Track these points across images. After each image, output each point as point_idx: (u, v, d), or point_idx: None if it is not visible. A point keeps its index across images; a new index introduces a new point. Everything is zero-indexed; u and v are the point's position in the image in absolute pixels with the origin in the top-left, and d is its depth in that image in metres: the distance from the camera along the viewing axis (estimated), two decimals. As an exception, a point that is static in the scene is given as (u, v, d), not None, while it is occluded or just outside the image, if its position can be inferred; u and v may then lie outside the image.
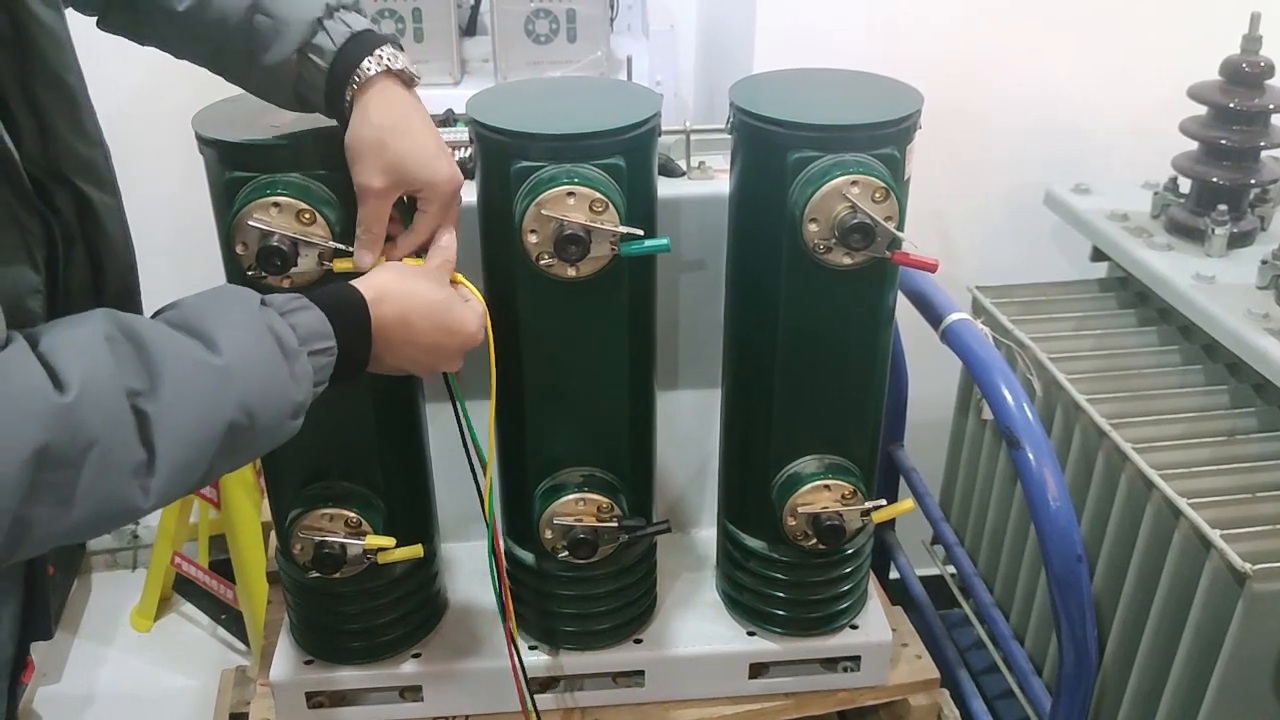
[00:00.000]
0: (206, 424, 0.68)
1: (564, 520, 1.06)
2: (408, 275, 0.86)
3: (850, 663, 1.20)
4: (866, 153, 0.95)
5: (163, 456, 0.66)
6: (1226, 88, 1.36)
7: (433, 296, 0.86)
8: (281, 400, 0.73)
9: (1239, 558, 1.03)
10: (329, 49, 0.86)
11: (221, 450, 0.69)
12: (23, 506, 0.60)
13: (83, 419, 0.62)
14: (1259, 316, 1.23)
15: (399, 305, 0.82)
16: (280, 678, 1.14)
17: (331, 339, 0.77)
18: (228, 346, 0.70)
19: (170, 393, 0.66)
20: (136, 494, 0.65)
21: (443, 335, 0.86)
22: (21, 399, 0.61)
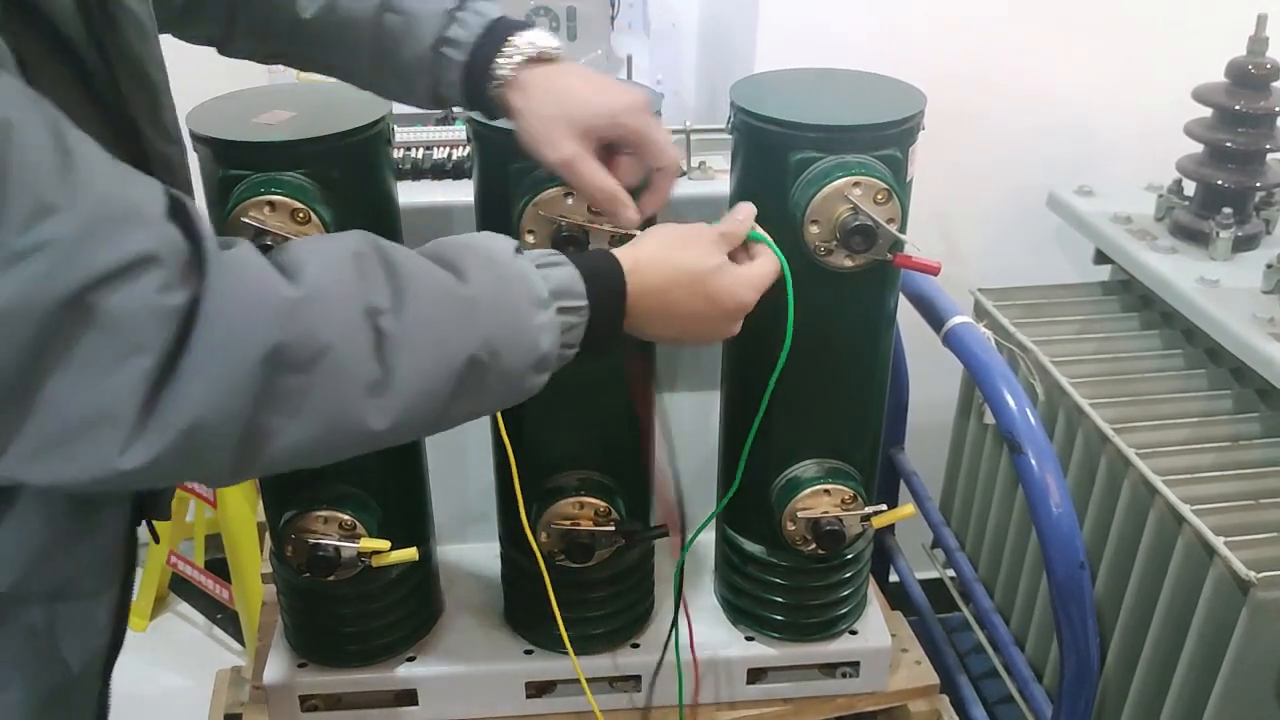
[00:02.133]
0: (448, 351, 0.66)
1: (561, 524, 1.05)
2: (674, 243, 0.81)
3: (849, 668, 1.19)
4: (869, 154, 0.94)
5: (399, 377, 0.64)
6: (1232, 90, 1.35)
7: (699, 265, 0.81)
8: (527, 346, 0.70)
9: (1243, 565, 1.02)
10: (465, 40, 0.83)
11: (460, 385, 0.67)
12: (257, 411, 0.59)
13: (315, 320, 0.61)
14: (1264, 321, 1.22)
15: (658, 274, 0.79)
16: (274, 681, 1.13)
17: (583, 299, 0.74)
18: (477, 279, 0.68)
19: (413, 313, 0.64)
20: (371, 413, 0.63)
21: (706, 305, 0.82)
22: (256, 293, 0.60)
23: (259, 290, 0.60)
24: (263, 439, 0.60)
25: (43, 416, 0.55)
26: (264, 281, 0.60)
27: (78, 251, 0.54)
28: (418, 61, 0.84)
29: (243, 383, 0.58)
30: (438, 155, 1.20)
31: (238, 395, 0.58)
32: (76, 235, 0.54)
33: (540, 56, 0.84)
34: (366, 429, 0.64)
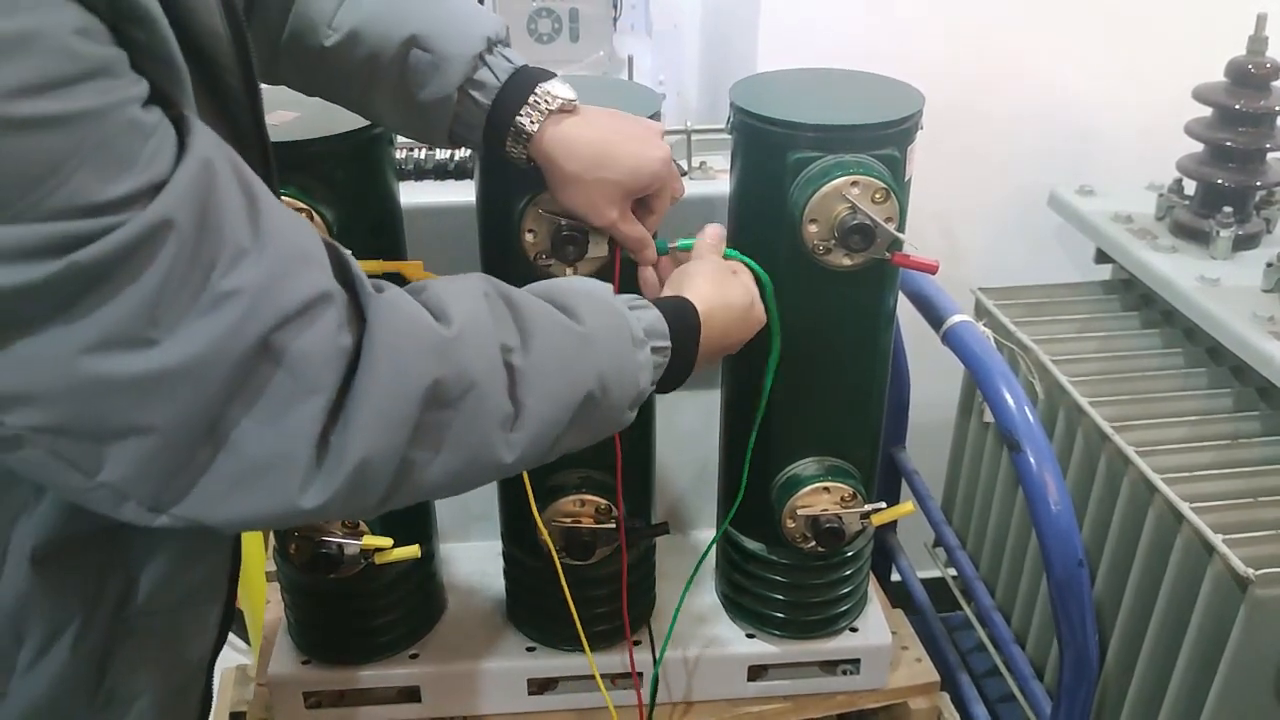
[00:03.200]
0: (569, 386, 0.69)
1: (562, 521, 1.05)
2: (722, 283, 0.88)
3: (850, 665, 1.19)
4: (867, 153, 0.94)
5: (529, 412, 0.67)
6: (1232, 89, 1.36)
7: (744, 300, 0.89)
8: (630, 381, 0.74)
9: (1241, 563, 1.02)
10: (492, 84, 0.84)
11: (575, 418, 0.70)
12: (411, 446, 0.61)
13: (466, 358, 0.63)
14: (1264, 319, 1.23)
15: (723, 318, 0.85)
16: (278, 678, 1.14)
17: (668, 339, 0.79)
18: (589, 318, 0.72)
19: (539, 351, 0.68)
20: (503, 447, 0.66)
21: (742, 333, 0.90)
22: (415, 333, 0.62)
23: (416, 330, 0.62)
24: (412, 472, 0.62)
25: (230, 457, 0.56)
26: (419, 322, 0.63)
27: (268, 294, 0.55)
28: (440, 102, 0.84)
29: (403, 418, 0.60)
30: (440, 155, 1.20)
31: (398, 431, 0.60)
32: (266, 278, 0.55)
33: (562, 109, 0.85)
34: (499, 461, 0.67)
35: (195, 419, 0.54)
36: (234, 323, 0.54)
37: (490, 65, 0.84)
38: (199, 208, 0.53)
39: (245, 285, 0.54)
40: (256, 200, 0.57)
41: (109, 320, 0.51)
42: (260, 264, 0.55)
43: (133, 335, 0.52)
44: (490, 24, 0.84)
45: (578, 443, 0.73)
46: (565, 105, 0.85)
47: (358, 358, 0.59)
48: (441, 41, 0.83)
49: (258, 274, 0.55)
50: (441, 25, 0.83)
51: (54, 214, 0.48)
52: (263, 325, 0.55)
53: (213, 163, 0.54)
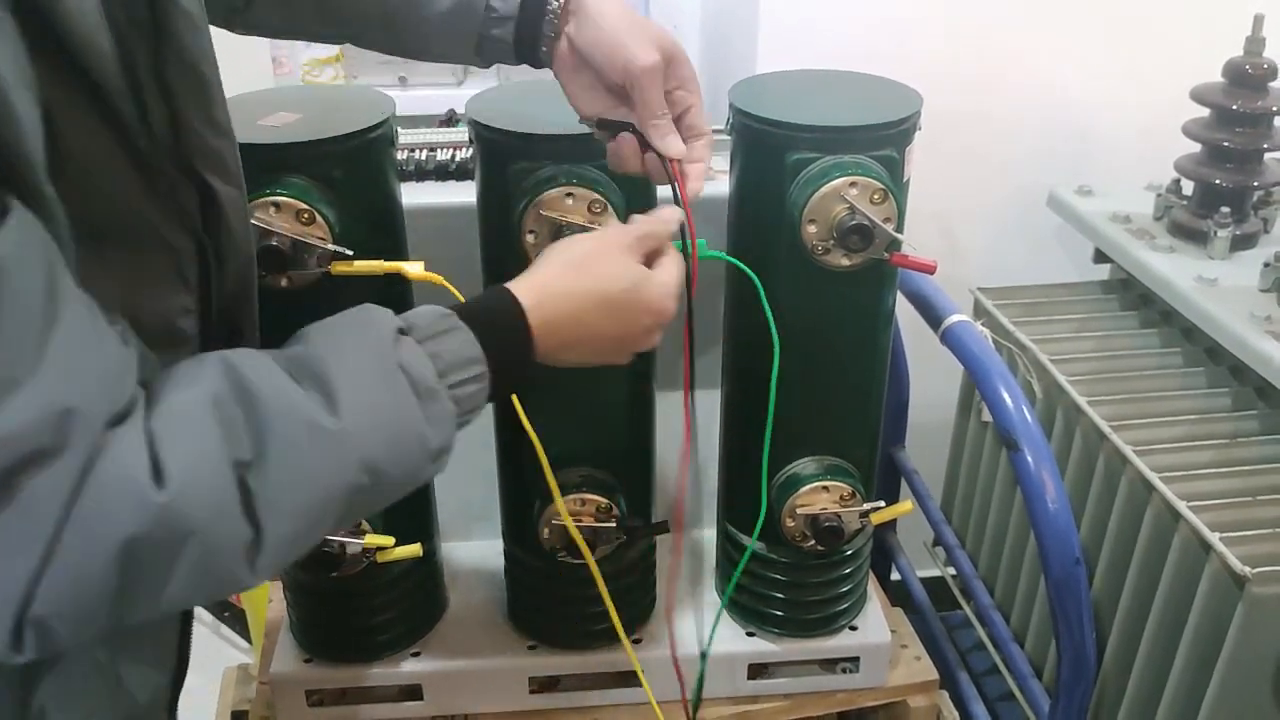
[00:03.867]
0: (320, 494, 0.62)
1: (562, 520, 1.06)
2: (578, 263, 0.76)
3: (849, 664, 1.20)
4: (865, 154, 0.95)
5: (270, 532, 0.60)
6: (1229, 90, 1.36)
7: (610, 286, 0.76)
8: (414, 451, 0.66)
9: (1238, 561, 1.03)
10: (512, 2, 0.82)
11: (341, 513, 0.64)
12: (116, 600, 0.57)
13: (181, 513, 0.56)
14: (1261, 319, 1.23)
15: (565, 305, 0.74)
16: (280, 676, 1.15)
17: (481, 364, 0.69)
18: (347, 402, 0.62)
19: (277, 465, 0.59)
20: (245, 572, 0.60)
21: (622, 327, 0.78)
22: (116, 496, 0.55)
23: (121, 490, 0.55)
24: (125, 617, 0.58)
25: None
26: (127, 481, 0.55)
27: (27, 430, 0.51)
28: (466, 8, 0.83)
29: (95, 578, 0.55)
30: (441, 157, 1.21)
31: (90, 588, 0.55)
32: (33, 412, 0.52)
33: None
34: (238, 582, 0.61)
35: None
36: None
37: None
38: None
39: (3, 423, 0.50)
40: (50, 313, 0.52)
41: None
42: (24, 400, 0.51)
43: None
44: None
45: (370, 513, 0.70)
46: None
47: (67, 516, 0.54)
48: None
49: (18, 411, 0.51)
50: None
51: None
52: (9, 462, 0.51)
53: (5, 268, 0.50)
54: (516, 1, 0.84)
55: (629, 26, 0.82)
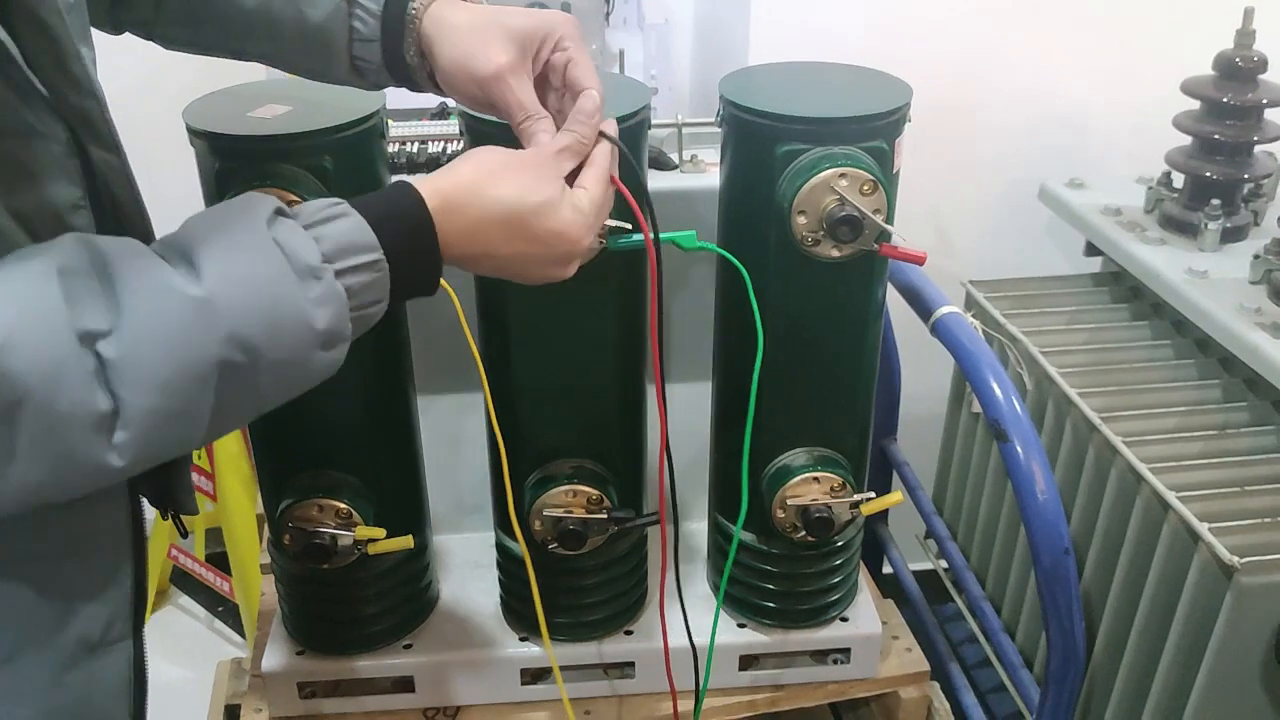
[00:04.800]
0: (184, 366, 0.59)
1: (554, 512, 1.06)
2: (493, 170, 0.72)
3: (840, 655, 1.20)
4: (855, 145, 0.95)
5: (130, 405, 0.57)
6: (1219, 82, 1.36)
7: (519, 203, 0.71)
8: (296, 330, 0.62)
9: (1227, 551, 1.03)
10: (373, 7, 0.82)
11: (217, 392, 0.60)
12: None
13: (8, 372, 0.54)
14: (1251, 311, 1.24)
15: (470, 214, 0.70)
16: (272, 668, 1.15)
17: (374, 251, 0.65)
18: (214, 272, 0.60)
19: (134, 334, 0.57)
20: (103, 449, 0.58)
21: (529, 248, 0.73)
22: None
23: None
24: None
25: None
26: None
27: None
28: (331, 22, 0.82)
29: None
30: (432, 149, 1.21)
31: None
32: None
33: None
34: (103, 464, 0.58)
35: None
36: None
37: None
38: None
39: None
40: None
41: None
42: None
43: None
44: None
45: (258, 408, 0.64)
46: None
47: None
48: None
49: None
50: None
51: None
52: None
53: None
54: (377, 25, 0.82)
55: (475, 34, 0.78)
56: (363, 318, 0.66)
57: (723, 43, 1.70)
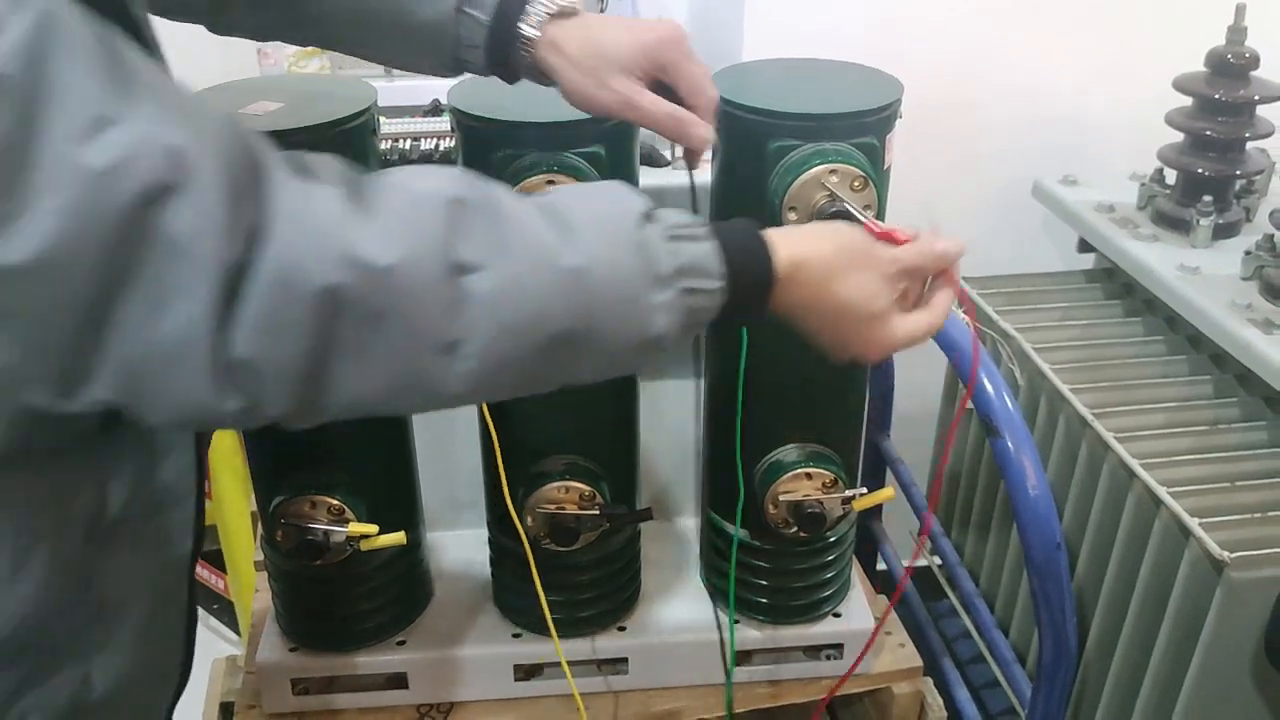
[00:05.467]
0: (539, 322, 0.61)
1: (546, 508, 1.06)
2: (849, 261, 0.74)
3: (833, 651, 1.20)
4: (846, 142, 0.95)
5: (478, 343, 0.60)
6: (1211, 79, 1.37)
7: (857, 305, 0.73)
8: (635, 328, 0.65)
9: (1217, 546, 1.03)
10: (488, 0, 0.82)
11: (548, 357, 0.63)
12: (310, 356, 0.56)
13: (386, 283, 0.57)
14: (1242, 307, 1.24)
15: (807, 290, 0.72)
16: (265, 664, 1.15)
17: (718, 280, 0.67)
18: (588, 247, 0.63)
19: (502, 278, 0.60)
20: (441, 375, 0.60)
21: (840, 337, 0.76)
22: (320, 230, 0.56)
23: (322, 228, 0.56)
24: (326, 384, 0.58)
25: (122, 343, 0.53)
26: (329, 220, 0.56)
27: (131, 168, 0.50)
28: (438, 24, 0.82)
29: (293, 322, 0.55)
30: (425, 146, 1.21)
31: (290, 336, 0.55)
32: (131, 149, 0.50)
33: (561, 13, 0.83)
34: (438, 389, 0.61)
35: (70, 305, 0.51)
36: (92, 200, 0.49)
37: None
38: (34, 63, 0.47)
39: (106, 158, 0.49)
40: (123, 62, 0.51)
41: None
42: (125, 133, 0.50)
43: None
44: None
45: (570, 380, 0.67)
46: (565, 9, 0.83)
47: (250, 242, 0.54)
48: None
49: (121, 145, 0.49)
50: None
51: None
52: (128, 201, 0.50)
53: (54, 14, 0.49)
54: (484, 36, 0.83)
55: (591, 74, 0.82)
56: (687, 334, 0.69)
57: (717, 40, 1.70)
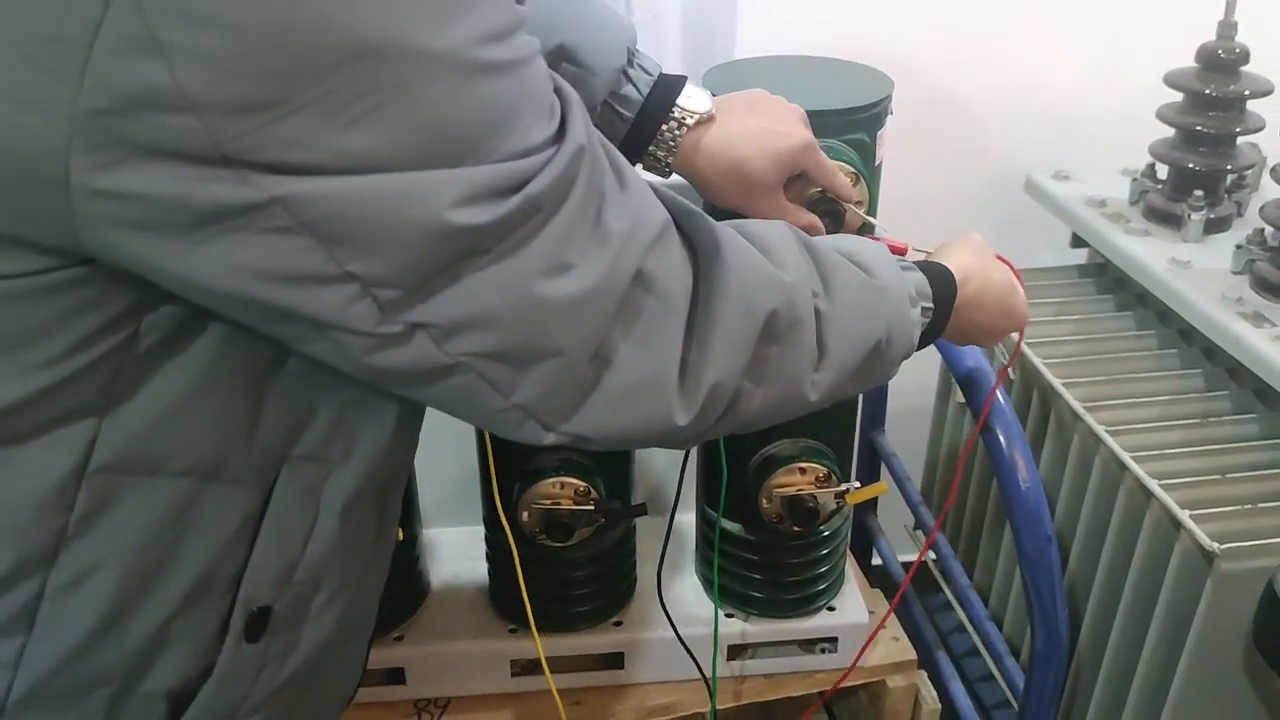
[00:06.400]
0: (865, 332, 0.72)
1: (541, 503, 1.07)
2: (985, 261, 0.88)
3: (827, 644, 1.21)
4: (836, 138, 0.96)
5: (832, 354, 0.70)
6: (1202, 74, 1.37)
7: (1002, 283, 0.88)
8: (908, 335, 0.76)
9: (1207, 537, 1.04)
10: (635, 99, 0.85)
11: (863, 365, 0.73)
12: (745, 375, 0.65)
13: (796, 298, 0.67)
14: (1233, 301, 1.24)
15: (978, 291, 0.85)
16: (263, 660, 1.15)
17: (931, 301, 0.80)
18: (880, 271, 0.74)
19: (840, 298, 0.70)
20: (809, 386, 0.70)
21: (1003, 320, 0.89)
22: (756, 266, 0.65)
23: (757, 264, 0.66)
24: (740, 401, 0.66)
25: (613, 377, 0.60)
26: (758, 257, 0.66)
27: (640, 223, 0.59)
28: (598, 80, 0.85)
29: (745, 345, 0.64)
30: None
31: (740, 356, 0.64)
32: (636, 207, 0.60)
33: (699, 122, 0.86)
34: (805, 398, 0.70)
35: (590, 341, 0.58)
36: (620, 249, 0.58)
37: (632, 79, 0.85)
38: (590, 138, 0.57)
39: (624, 214, 0.58)
40: (606, 142, 0.60)
41: (547, 247, 0.54)
42: (629, 194, 0.59)
43: (561, 261, 0.55)
44: (628, 32, 0.85)
45: (854, 391, 0.76)
46: (703, 118, 0.86)
47: (697, 284, 0.63)
48: (589, 54, 0.83)
49: (630, 203, 0.59)
50: (588, 34, 0.83)
51: (510, 155, 0.52)
52: (638, 252, 0.59)
53: (579, 100, 0.58)
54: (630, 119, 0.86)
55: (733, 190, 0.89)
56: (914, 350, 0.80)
57: (711, 37, 1.71)
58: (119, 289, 0.52)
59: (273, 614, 0.64)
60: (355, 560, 0.69)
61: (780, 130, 0.87)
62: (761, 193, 0.88)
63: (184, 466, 0.58)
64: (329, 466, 0.64)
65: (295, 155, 0.46)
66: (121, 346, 0.53)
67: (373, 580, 0.76)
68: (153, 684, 0.61)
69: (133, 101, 0.44)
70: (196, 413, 0.57)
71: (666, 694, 1.19)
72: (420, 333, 0.53)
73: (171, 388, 0.56)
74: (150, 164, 0.46)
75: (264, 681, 0.65)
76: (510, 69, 0.52)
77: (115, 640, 0.59)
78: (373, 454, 0.65)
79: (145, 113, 0.44)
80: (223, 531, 0.61)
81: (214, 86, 0.44)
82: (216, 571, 0.61)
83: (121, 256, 0.50)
